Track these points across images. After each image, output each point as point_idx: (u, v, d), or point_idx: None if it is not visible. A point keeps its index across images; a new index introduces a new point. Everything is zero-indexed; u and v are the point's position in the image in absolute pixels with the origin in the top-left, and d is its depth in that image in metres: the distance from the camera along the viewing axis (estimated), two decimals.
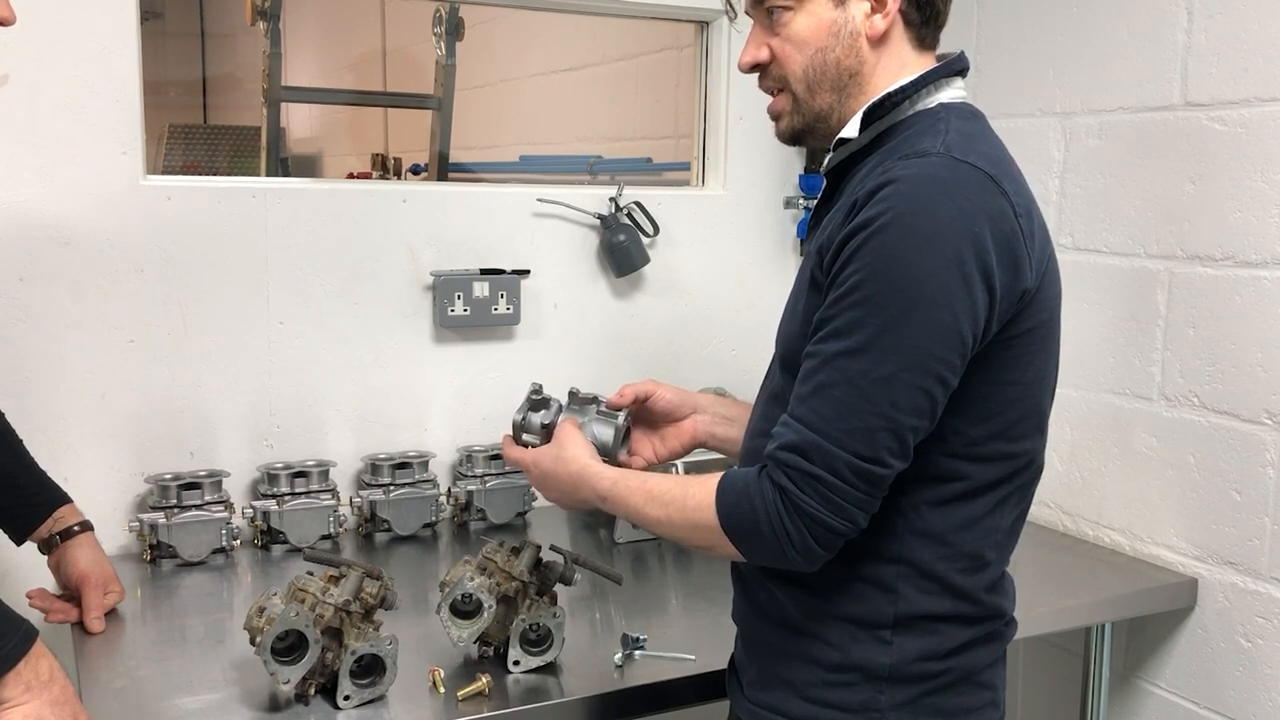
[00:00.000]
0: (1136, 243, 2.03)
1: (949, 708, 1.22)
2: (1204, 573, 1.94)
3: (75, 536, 1.66)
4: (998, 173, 1.15)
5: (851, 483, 1.11)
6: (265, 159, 2.94)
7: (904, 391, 1.10)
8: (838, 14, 1.22)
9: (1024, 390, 1.20)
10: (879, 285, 1.10)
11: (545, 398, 1.49)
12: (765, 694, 1.28)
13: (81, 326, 1.92)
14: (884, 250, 1.10)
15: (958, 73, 1.26)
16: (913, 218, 1.10)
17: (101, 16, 1.87)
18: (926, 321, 1.09)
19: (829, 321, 1.13)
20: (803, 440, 1.12)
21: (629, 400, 1.48)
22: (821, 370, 1.13)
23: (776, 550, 1.14)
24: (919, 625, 1.21)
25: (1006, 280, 1.13)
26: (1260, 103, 1.81)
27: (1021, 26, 2.23)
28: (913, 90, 1.22)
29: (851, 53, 1.23)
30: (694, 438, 1.50)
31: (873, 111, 1.23)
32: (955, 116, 1.21)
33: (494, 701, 1.43)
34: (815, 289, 1.19)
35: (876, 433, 1.10)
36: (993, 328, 1.14)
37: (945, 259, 1.09)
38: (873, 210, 1.12)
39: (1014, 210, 1.14)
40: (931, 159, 1.14)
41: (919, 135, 1.19)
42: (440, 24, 2.71)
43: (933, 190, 1.12)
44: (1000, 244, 1.12)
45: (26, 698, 1.20)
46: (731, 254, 2.45)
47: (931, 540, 1.19)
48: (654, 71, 2.78)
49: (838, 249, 1.14)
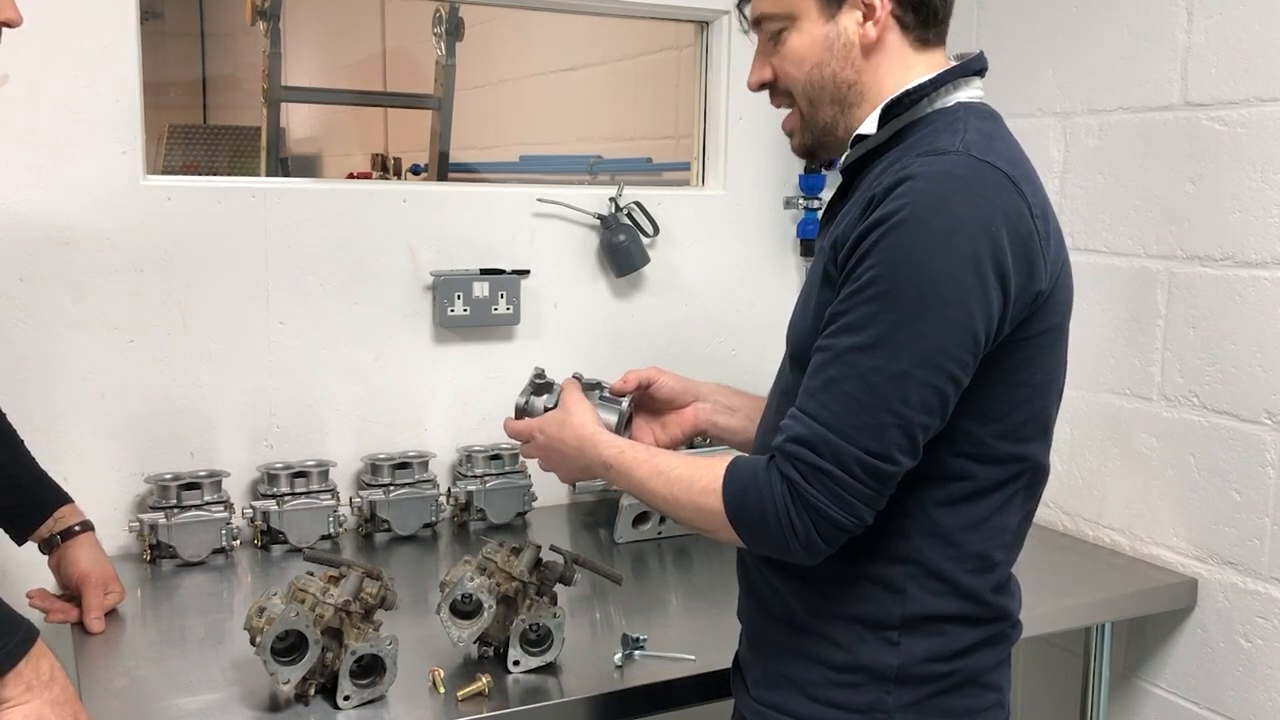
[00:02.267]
0: (1136, 243, 2.03)
1: (956, 709, 1.22)
2: (1204, 573, 1.94)
3: (76, 536, 1.66)
4: (1016, 173, 1.15)
5: (860, 478, 1.11)
6: (265, 159, 2.94)
7: (915, 389, 1.10)
8: (830, 28, 1.23)
9: (1031, 393, 1.20)
10: (894, 281, 1.10)
11: (548, 382, 1.49)
12: (771, 693, 1.28)
13: (81, 326, 1.92)
14: (900, 246, 1.10)
15: (976, 72, 1.26)
16: (930, 215, 1.10)
17: (101, 16, 1.87)
18: (940, 319, 1.09)
19: (841, 316, 1.13)
20: (812, 434, 1.12)
21: (632, 386, 1.48)
22: (833, 365, 1.13)
23: (780, 541, 1.14)
24: (926, 626, 1.21)
25: (1021, 281, 1.13)
26: (1260, 103, 1.81)
27: (1021, 26, 2.23)
28: (931, 88, 1.22)
29: (848, 64, 1.23)
30: (696, 426, 1.50)
31: (891, 108, 1.22)
32: (974, 116, 1.21)
33: (494, 702, 1.43)
34: (828, 284, 1.18)
35: (887, 429, 1.10)
36: (1005, 328, 1.14)
37: (961, 257, 1.09)
38: (890, 206, 1.11)
39: (1030, 211, 1.14)
40: (950, 157, 1.13)
41: (937, 133, 1.18)
42: (440, 24, 2.71)
43: (951, 188, 1.11)
44: (1016, 244, 1.12)
45: (27, 697, 1.20)
46: (731, 254, 2.45)
47: (939, 540, 1.19)
48: (654, 71, 2.78)
49: (853, 244, 1.14)
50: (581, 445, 1.34)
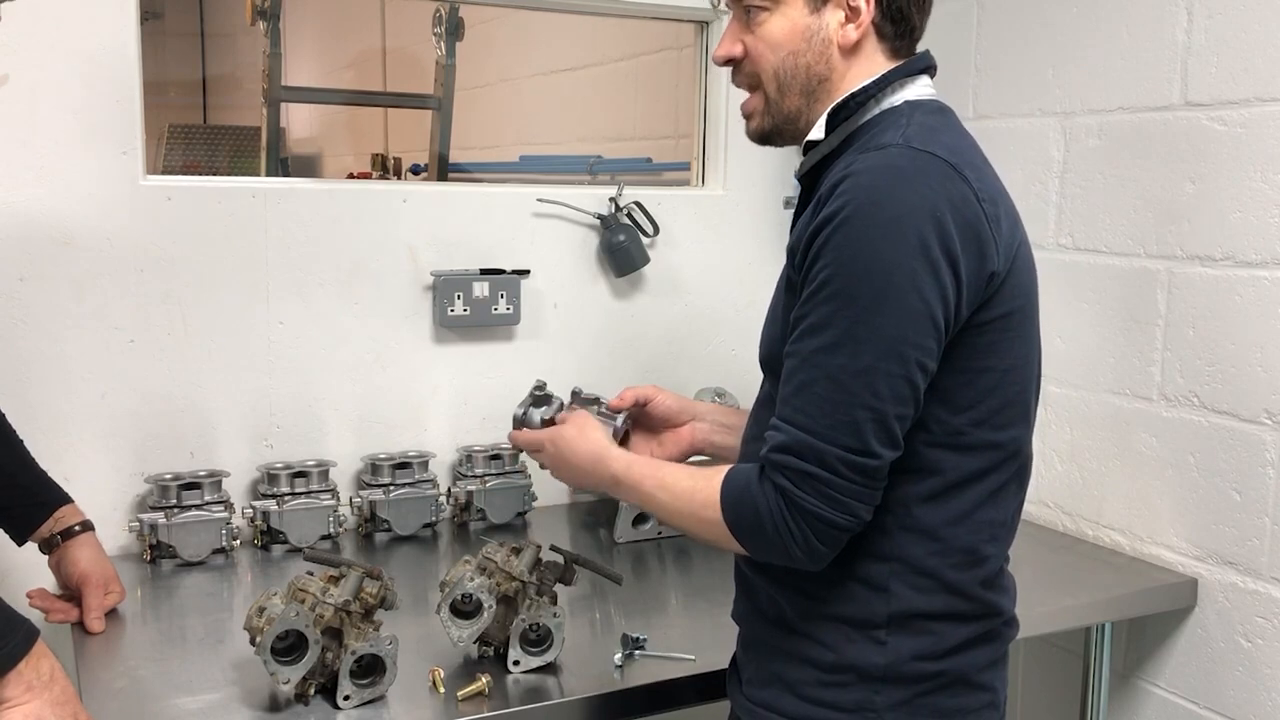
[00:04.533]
0: (1136, 243, 2.03)
1: (946, 708, 1.22)
2: (1204, 573, 1.94)
3: (76, 536, 1.66)
4: (958, 160, 1.16)
5: (846, 476, 1.12)
6: (265, 159, 2.94)
7: (884, 381, 1.11)
8: (812, 20, 1.24)
9: (1001, 377, 1.20)
10: (847, 278, 1.11)
11: (548, 394, 1.53)
12: (762, 692, 1.29)
13: (81, 326, 1.92)
14: (848, 242, 1.12)
15: (922, 70, 1.27)
16: (874, 207, 1.12)
17: (101, 16, 1.87)
18: (897, 309, 1.11)
19: (803, 319, 1.15)
20: (793, 440, 1.13)
21: (629, 403, 1.51)
22: (802, 369, 1.14)
23: (780, 549, 1.15)
24: (913, 624, 1.21)
25: (972, 263, 1.14)
26: (1260, 103, 1.81)
27: (1021, 26, 2.23)
28: (875, 90, 1.24)
29: (822, 59, 1.24)
30: (692, 445, 1.52)
31: (837, 113, 1.24)
32: (919, 111, 1.22)
33: (494, 701, 1.43)
34: (791, 290, 1.20)
35: (863, 424, 1.11)
36: (964, 312, 1.15)
37: (909, 246, 1.10)
38: (835, 205, 1.13)
39: (976, 196, 1.15)
40: (890, 150, 1.15)
41: (882, 131, 1.20)
42: (440, 24, 2.71)
43: (892, 179, 1.13)
44: (963, 228, 1.13)
45: (27, 697, 1.20)
46: (731, 254, 2.45)
47: (922, 536, 1.20)
48: (654, 71, 2.78)
49: (805, 246, 1.16)
50: (593, 458, 1.36)
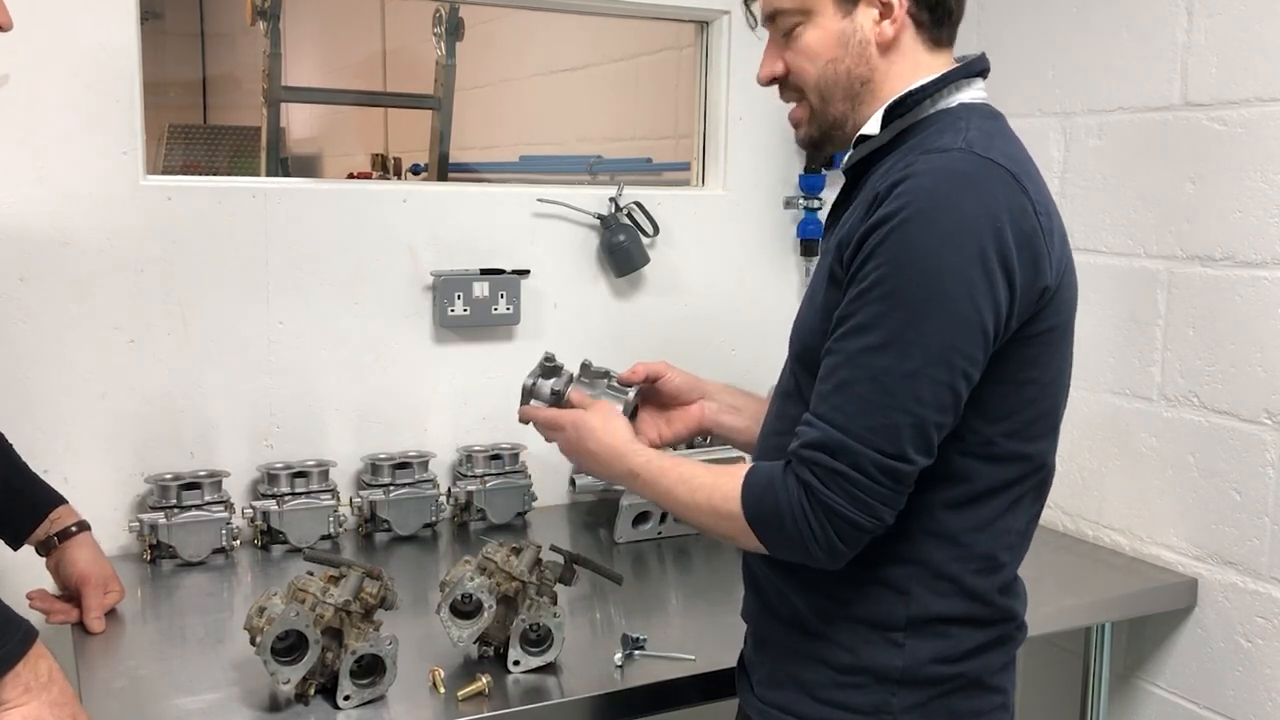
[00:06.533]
0: (1136, 243, 2.03)
1: (960, 711, 1.22)
2: (1204, 573, 1.94)
3: (73, 537, 1.66)
4: (1019, 170, 1.15)
5: (877, 479, 1.11)
6: (265, 159, 2.94)
7: (928, 387, 1.10)
8: (846, 24, 1.23)
9: (1040, 390, 1.20)
10: (901, 280, 1.10)
11: (557, 366, 1.51)
12: (776, 693, 1.28)
13: (81, 326, 1.92)
14: (906, 244, 1.10)
15: (978, 73, 1.26)
16: (935, 211, 1.10)
17: (101, 16, 1.87)
18: (949, 316, 1.09)
19: (850, 317, 1.13)
20: (827, 438, 1.12)
21: (640, 378, 1.51)
22: (844, 367, 1.13)
23: (799, 546, 1.14)
24: (931, 628, 1.20)
25: (1027, 276, 1.13)
26: (1260, 103, 1.81)
27: (1021, 26, 2.23)
28: (934, 89, 1.23)
29: (862, 61, 1.23)
30: (700, 424, 1.51)
31: (894, 109, 1.23)
32: (976, 115, 1.21)
33: (494, 701, 1.43)
34: (835, 284, 1.18)
35: (901, 429, 1.10)
36: (1013, 324, 1.14)
37: (967, 253, 1.09)
38: (893, 205, 1.11)
39: (1034, 208, 1.14)
40: (953, 154, 1.13)
41: (940, 132, 1.19)
42: (440, 24, 2.71)
43: (955, 184, 1.11)
44: (1021, 240, 1.12)
45: (26, 699, 1.20)
46: (731, 254, 2.45)
47: (945, 541, 1.19)
48: (654, 71, 2.78)
49: (858, 244, 1.14)
50: (614, 448, 1.36)
